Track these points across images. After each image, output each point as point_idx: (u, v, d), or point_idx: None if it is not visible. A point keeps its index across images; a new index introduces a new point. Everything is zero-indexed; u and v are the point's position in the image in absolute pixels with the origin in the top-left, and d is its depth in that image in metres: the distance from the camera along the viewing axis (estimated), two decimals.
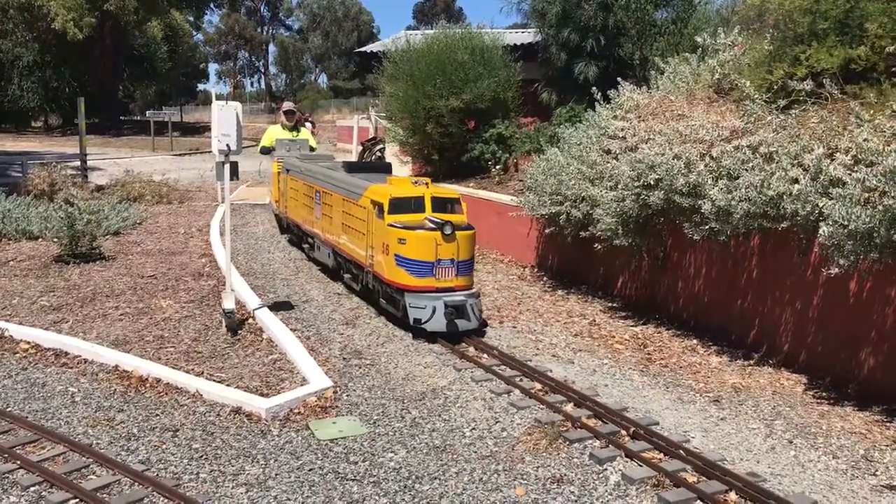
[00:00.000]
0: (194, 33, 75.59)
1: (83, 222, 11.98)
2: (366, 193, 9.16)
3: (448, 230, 8.22)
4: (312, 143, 14.94)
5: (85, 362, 7.60)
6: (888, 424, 6.29)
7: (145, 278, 10.89)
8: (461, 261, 8.41)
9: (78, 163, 20.83)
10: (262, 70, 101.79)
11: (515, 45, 18.30)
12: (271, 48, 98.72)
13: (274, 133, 14.99)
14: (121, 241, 13.62)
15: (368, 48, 25.70)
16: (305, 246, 12.38)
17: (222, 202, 15.20)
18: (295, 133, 14.91)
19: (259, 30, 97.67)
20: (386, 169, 11.42)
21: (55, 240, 12.28)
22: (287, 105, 15.82)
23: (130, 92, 67.06)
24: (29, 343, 8.07)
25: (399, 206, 8.55)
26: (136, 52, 54.34)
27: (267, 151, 14.93)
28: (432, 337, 8.40)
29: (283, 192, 13.54)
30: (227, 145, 8.34)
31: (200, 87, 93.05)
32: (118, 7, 43.58)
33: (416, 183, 9.02)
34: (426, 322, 8.21)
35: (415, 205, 8.62)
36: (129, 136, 45.91)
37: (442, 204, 8.75)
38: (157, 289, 10.33)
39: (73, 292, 10.05)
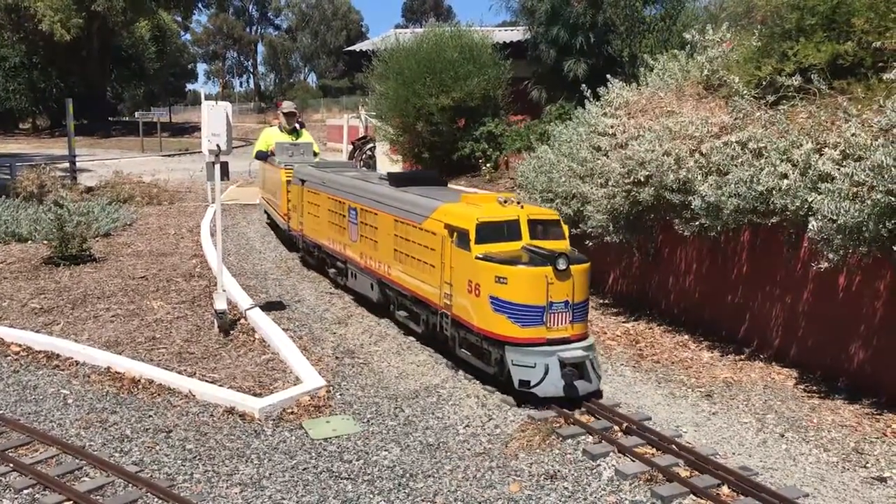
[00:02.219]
0: (182, 33, 75.38)
1: (73, 224, 11.94)
2: (434, 215, 7.46)
3: (562, 264, 6.44)
4: (316, 147, 13.90)
5: (77, 364, 7.58)
6: (878, 417, 6.34)
7: (136, 279, 10.86)
8: (577, 303, 6.61)
9: (67, 164, 20.79)
10: (251, 70, 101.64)
11: (505, 42, 18.32)
12: (260, 48, 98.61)
13: (271, 136, 13.89)
14: (111, 242, 13.57)
15: (358, 47, 25.69)
16: (332, 271, 10.55)
17: (212, 202, 15.18)
18: (295, 136, 13.82)
19: (247, 29, 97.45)
20: (437, 181, 9.56)
21: (45, 242, 12.23)
22: (287, 105, 14.67)
23: (119, 92, 66.78)
24: (20, 346, 8.04)
25: (489, 232, 6.81)
26: (124, 52, 54.16)
27: (263, 156, 13.90)
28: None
29: (296, 206, 11.79)
30: (217, 145, 8.32)
31: (189, 87, 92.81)
32: (106, 7, 43.44)
33: (504, 202, 7.25)
34: (536, 385, 6.44)
35: (508, 230, 6.89)
36: (118, 136, 45.79)
37: (541, 228, 7.03)
38: (148, 290, 10.30)
39: (64, 294, 10.01)
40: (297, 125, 14.26)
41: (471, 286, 6.80)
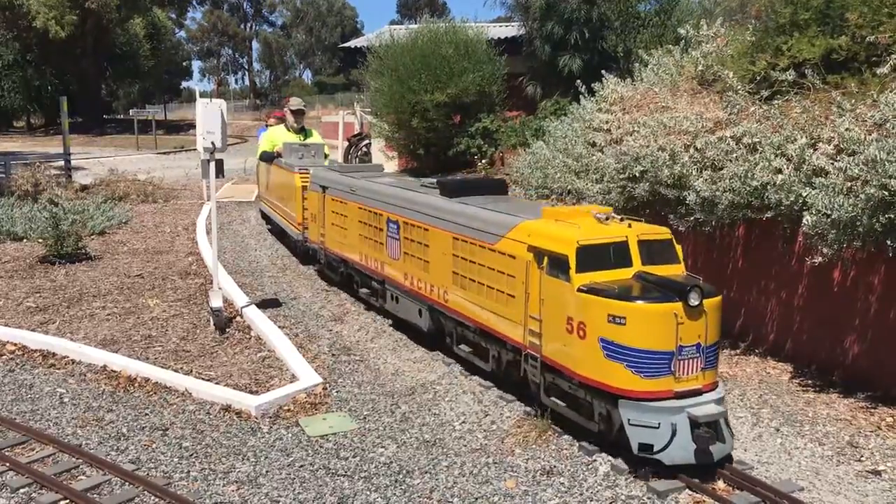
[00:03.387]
0: (177, 30, 75.23)
1: (68, 222, 11.93)
2: (513, 235, 6.20)
3: (695, 299, 5.26)
4: (327, 149, 12.99)
5: (73, 363, 7.57)
6: (873, 410, 6.36)
7: (132, 278, 10.85)
8: (709, 346, 5.40)
9: (62, 162, 20.74)
10: (246, 67, 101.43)
11: (500, 38, 18.33)
12: (255, 45, 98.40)
13: (277, 136, 12.85)
14: (106, 240, 13.55)
15: (352, 43, 25.67)
16: (364, 291, 9.29)
17: (208, 200, 15.15)
18: (303, 136, 12.77)
19: (242, 26, 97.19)
20: (497, 188, 8.05)
21: (40, 240, 12.22)
22: (295, 102, 13.24)
23: (113, 90, 66.66)
24: (15, 345, 8.03)
25: (593, 258, 5.56)
26: (119, 50, 53.98)
27: (269, 158, 12.84)
28: (421, 337, 8.07)
29: (315, 215, 10.50)
30: (213, 143, 8.31)
31: (184, 84, 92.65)
32: (100, 5, 43.32)
33: (605, 219, 5.93)
34: (661, 450, 5.23)
35: (616, 255, 5.65)
36: (113, 134, 45.69)
37: (652, 250, 5.79)
38: (144, 288, 10.29)
39: (60, 293, 10.00)
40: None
41: (571, 325, 5.53)
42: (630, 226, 5.83)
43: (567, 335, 5.59)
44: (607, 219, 5.91)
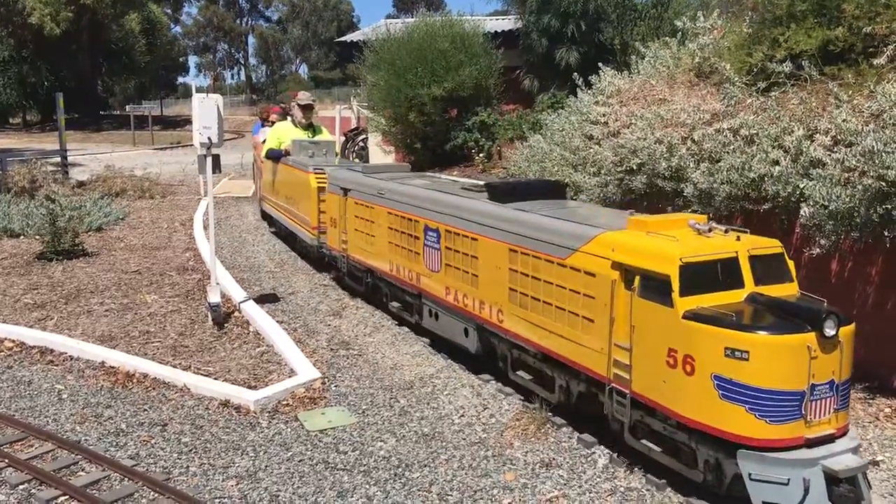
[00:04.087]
0: (172, 26, 75.07)
1: (65, 219, 11.90)
2: (591, 248, 5.35)
3: (831, 328, 4.51)
4: (337, 147, 12.50)
5: (71, 359, 7.57)
6: (870, 402, 6.37)
7: (129, 274, 10.84)
8: (842, 382, 4.67)
9: (58, 159, 20.69)
10: (242, 62, 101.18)
11: (496, 32, 18.30)
12: (251, 39, 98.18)
13: (284, 133, 12.10)
14: (104, 236, 13.54)
15: (349, 37, 25.62)
16: (395, 305, 8.50)
17: (205, 196, 15.13)
18: (312, 133, 12.05)
19: (238, 21, 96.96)
20: (555, 191, 7.15)
21: (37, 237, 12.20)
22: (304, 96, 12.46)
23: (109, 86, 66.48)
24: (13, 341, 8.02)
25: (699, 277, 4.76)
26: (114, 45, 53.84)
27: (277, 156, 12.02)
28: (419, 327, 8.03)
29: (336, 220, 9.66)
30: (209, 138, 8.30)
31: (180, 80, 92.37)
32: (95, 1, 43.15)
33: (708, 230, 5.12)
34: None
35: (725, 273, 4.86)
36: (110, 130, 45.59)
37: (764, 266, 5.01)
38: (141, 284, 10.28)
39: (57, 289, 9.99)
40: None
41: (674, 358, 4.73)
42: (738, 238, 5.02)
43: (667, 370, 4.75)
44: (709, 230, 5.11)
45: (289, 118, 12.75)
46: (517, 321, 6.17)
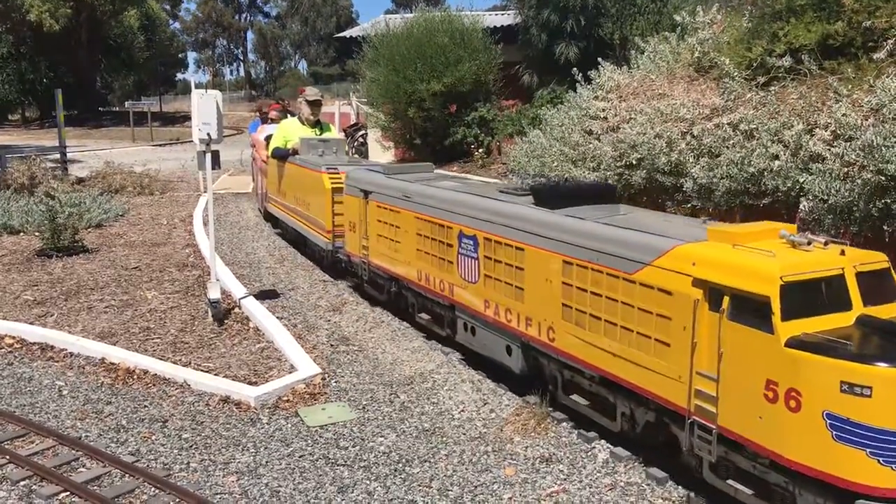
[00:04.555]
0: (171, 22, 74.95)
1: (65, 215, 11.90)
2: (665, 262, 4.72)
3: None
4: (345, 145, 12.08)
5: (71, 356, 7.57)
6: None
7: (129, 270, 10.84)
8: None
9: (57, 155, 20.69)
10: (241, 58, 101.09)
11: (495, 27, 18.31)
12: (250, 35, 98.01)
13: (291, 130, 11.56)
14: (103, 233, 13.53)
15: (348, 33, 25.62)
16: (424, 317, 7.89)
17: (204, 192, 15.11)
18: (319, 131, 11.60)
19: (237, 17, 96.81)
20: (607, 195, 6.30)
21: (37, 234, 12.20)
22: (312, 92, 11.86)
23: (108, 82, 66.34)
24: (14, 338, 8.02)
25: (803, 298, 4.17)
26: (113, 42, 53.72)
27: (283, 155, 11.50)
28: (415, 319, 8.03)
29: (355, 224, 9.01)
30: (208, 134, 8.29)
31: (179, 76, 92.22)
32: None
33: (804, 242, 4.46)
34: None
35: (830, 293, 4.27)
36: (109, 127, 45.53)
37: (871, 283, 4.39)
38: (141, 280, 10.29)
39: (57, 286, 9.99)
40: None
41: (774, 391, 4.13)
42: (842, 252, 4.36)
43: (765, 404, 4.15)
44: (808, 242, 4.43)
45: (289, 115, 12.64)
46: (572, 340, 5.54)
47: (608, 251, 5.15)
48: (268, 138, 12.76)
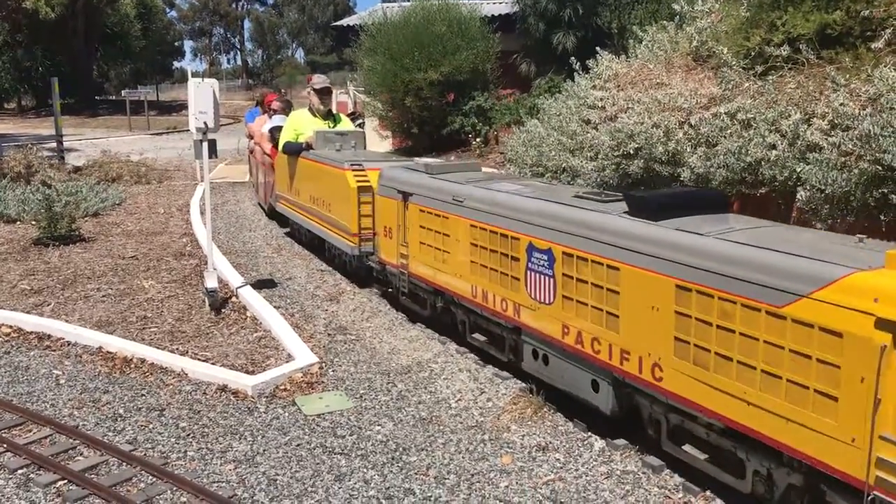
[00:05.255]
0: (168, 10, 74.67)
1: (61, 204, 11.90)
2: (831, 295, 3.77)
3: None
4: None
5: (68, 344, 7.58)
6: None
7: (126, 259, 10.84)
8: None
9: (54, 144, 20.64)
10: (238, 46, 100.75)
11: (493, 16, 18.25)
12: (247, 24, 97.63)
13: (302, 123, 10.71)
14: (100, 222, 13.52)
15: (345, 22, 25.51)
16: (479, 338, 6.95)
17: (201, 181, 15.08)
18: (332, 122, 10.80)
19: (234, 5, 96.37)
20: (718, 204, 5.42)
21: (33, 222, 12.18)
22: (319, 80, 10.94)
23: (105, 71, 66.15)
24: (10, 327, 8.02)
25: None
26: (110, 30, 53.51)
27: (296, 150, 10.55)
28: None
29: (391, 228, 8.06)
30: (205, 123, 8.27)
31: (176, 64, 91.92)
32: None
33: None
34: None
35: None
36: (105, 116, 45.45)
37: None
38: (138, 269, 10.28)
39: (54, 275, 9.98)
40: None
41: None
42: None
43: None
44: None
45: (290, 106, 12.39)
46: (687, 381, 4.57)
47: (744, 276, 4.17)
48: (273, 130, 12.25)
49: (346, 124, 10.94)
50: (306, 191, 10.67)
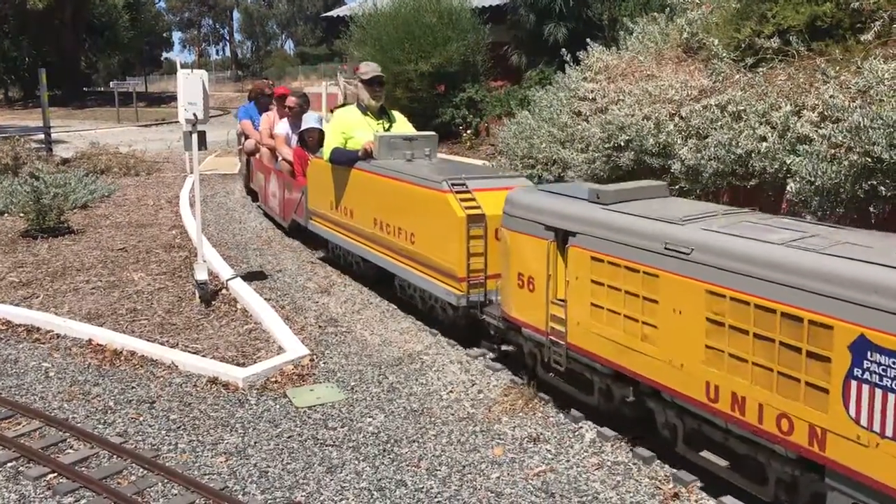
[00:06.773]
0: (157, 1, 74.16)
1: (50, 196, 11.81)
2: None
3: None
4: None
5: (58, 337, 7.54)
6: None
7: (116, 251, 10.78)
8: None
9: (42, 136, 20.47)
10: (227, 37, 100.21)
11: (484, 7, 18.20)
12: (236, 15, 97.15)
13: (352, 124, 8.59)
14: (89, 214, 13.44)
15: (335, 13, 25.42)
16: (710, 460, 4.52)
17: (191, 173, 15.01)
18: (387, 123, 8.71)
19: None
20: None
21: (21, 215, 12.10)
22: (369, 69, 8.66)
23: (93, 62, 65.68)
24: None
25: None
26: (98, 21, 53.13)
27: (350, 159, 8.31)
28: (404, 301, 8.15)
29: (534, 279, 5.66)
30: (194, 114, 8.22)
31: (165, 56, 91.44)
32: None
33: None
34: None
35: None
36: (94, 107, 45.12)
37: None
38: (128, 262, 10.23)
39: (43, 267, 9.92)
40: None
41: None
42: None
43: None
44: None
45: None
46: None
47: None
48: (303, 133, 10.49)
49: (403, 125, 8.86)
50: (366, 212, 8.34)
